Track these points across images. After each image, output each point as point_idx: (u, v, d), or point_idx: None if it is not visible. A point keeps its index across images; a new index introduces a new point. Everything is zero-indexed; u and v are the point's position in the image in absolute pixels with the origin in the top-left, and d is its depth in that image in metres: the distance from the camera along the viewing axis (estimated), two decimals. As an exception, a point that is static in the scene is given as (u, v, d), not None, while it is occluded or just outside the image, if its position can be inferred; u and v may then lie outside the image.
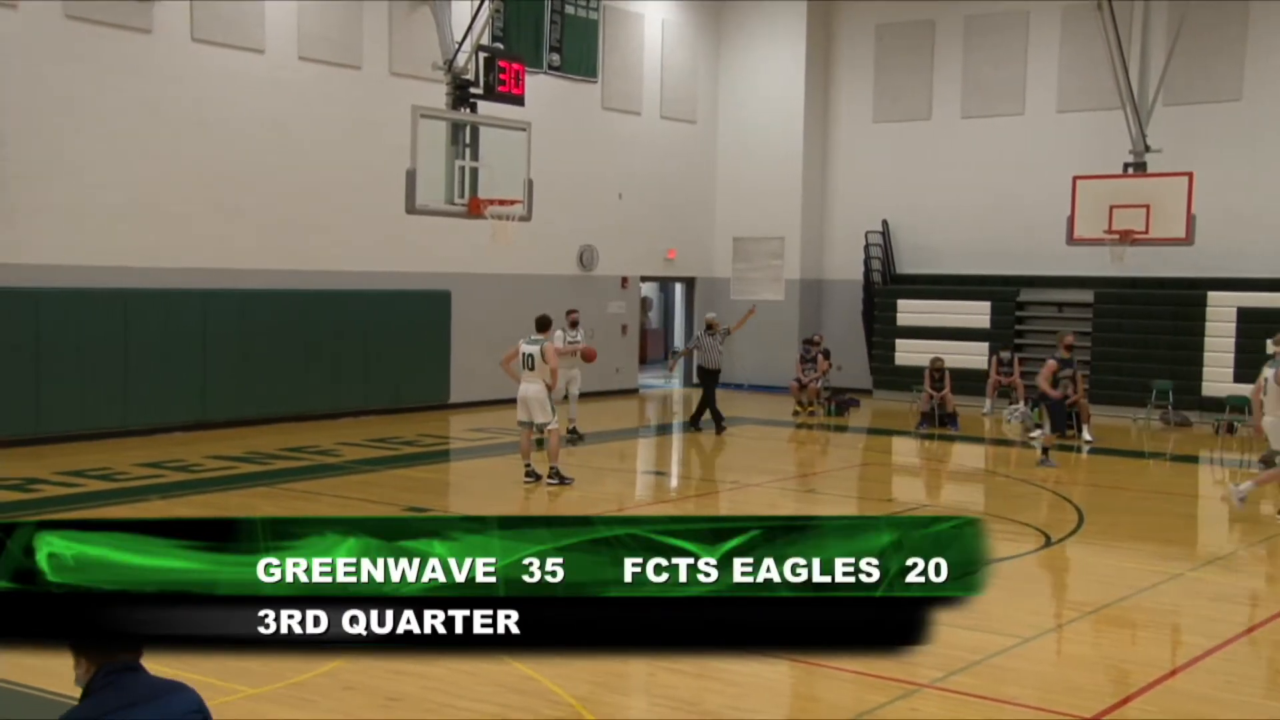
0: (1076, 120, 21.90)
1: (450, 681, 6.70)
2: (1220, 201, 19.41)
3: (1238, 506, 12.34)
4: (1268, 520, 12.36)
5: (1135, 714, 6.50)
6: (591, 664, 6.97)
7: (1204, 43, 20.49)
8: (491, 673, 6.75)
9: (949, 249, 23.48)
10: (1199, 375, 20.50)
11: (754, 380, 24.83)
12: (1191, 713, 6.48)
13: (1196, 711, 6.49)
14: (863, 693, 6.72)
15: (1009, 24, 22.89)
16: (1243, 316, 20.07)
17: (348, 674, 6.76)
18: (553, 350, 13.71)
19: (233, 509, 11.25)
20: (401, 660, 6.84)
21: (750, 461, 16.26)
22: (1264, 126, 20.44)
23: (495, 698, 6.54)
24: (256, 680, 6.52)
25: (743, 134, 25.17)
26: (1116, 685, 6.80)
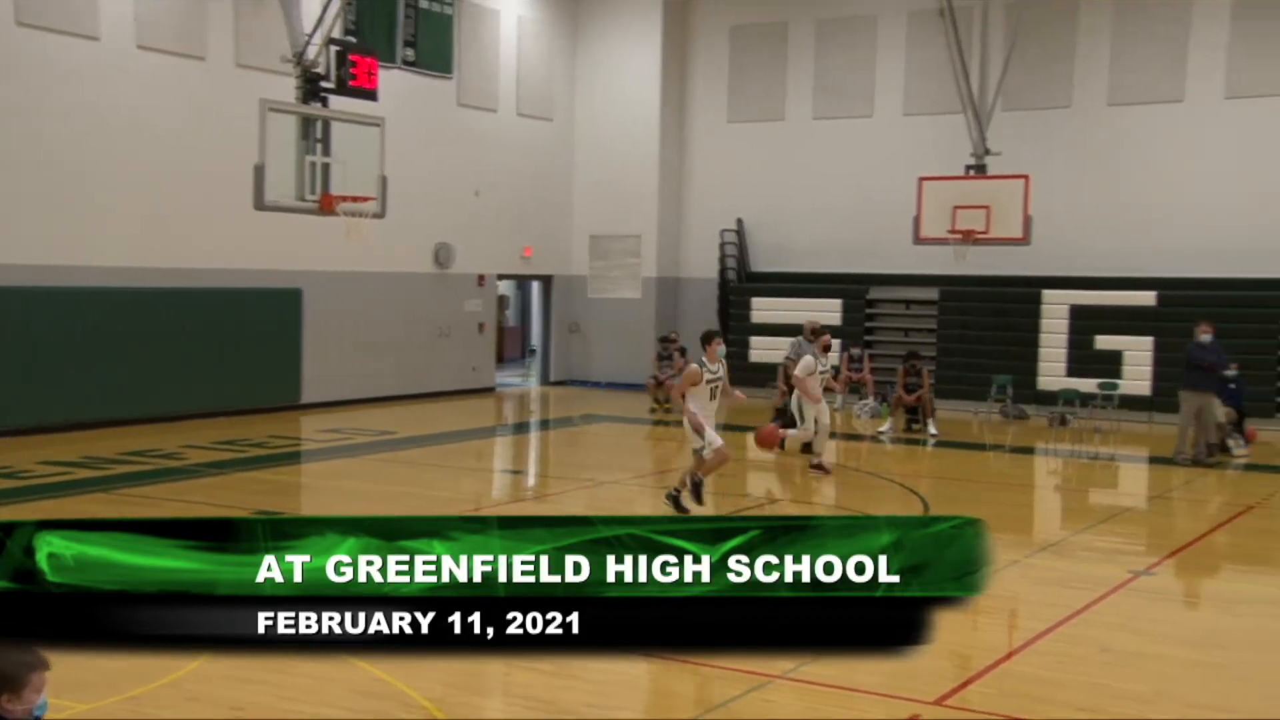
0: (922, 123, 22.59)
1: (299, 688, 6.59)
2: (1054, 203, 20.25)
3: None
4: (1093, 508, 12.95)
5: (975, 696, 6.75)
6: (447, 664, 6.93)
7: (1037, 51, 21.35)
8: (342, 677, 6.66)
9: (802, 248, 23.98)
10: (1035, 370, 21.38)
11: (611, 378, 24.96)
12: (1027, 693, 6.77)
13: (1031, 692, 6.79)
14: (717, 686, 6.84)
15: (858, 28, 23.48)
16: (1075, 313, 21.02)
17: (192, 683, 6.59)
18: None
19: (66, 516, 10.82)
20: (252, 667, 6.71)
21: (607, 459, 16.35)
22: (1092, 132, 21.39)
23: (345, 702, 6.46)
24: (92, 694, 6.30)
25: (600, 132, 25.25)
26: (958, 670, 7.06)
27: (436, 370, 22.44)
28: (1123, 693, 6.85)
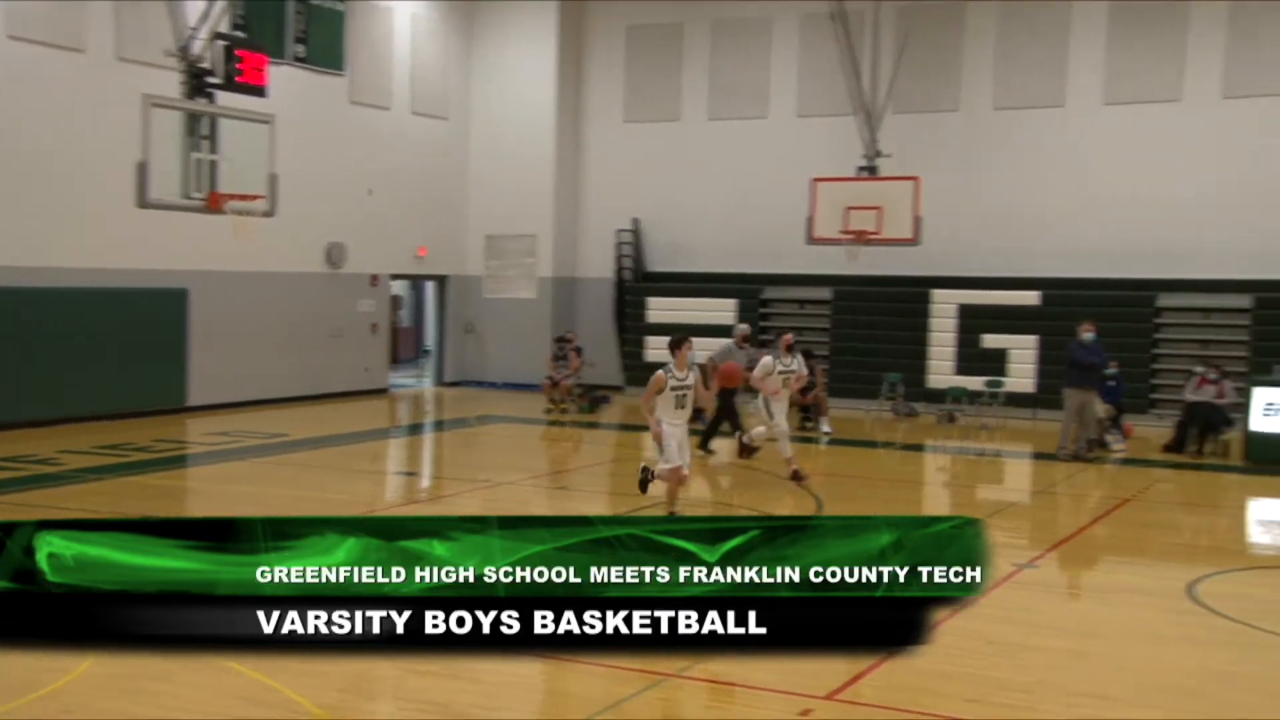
0: (815, 125, 22.89)
1: (182, 696, 6.43)
2: (943, 204, 20.67)
3: None
4: (980, 503, 13.26)
5: (867, 690, 6.86)
6: (340, 669, 6.83)
7: (926, 56, 21.79)
8: (227, 684, 6.52)
9: (697, 247, 24.12)
10: (924, 368, 21.82)
11: (507, 378, 24.84)
12: (916, 686, 6.89)
13: (921, 685, 6.91)
14: (612, 686, 6.84)
15: (753, 30, 23.70)
16: (963, 313, 21.51)
17: (70, 696, 6.38)
18: None
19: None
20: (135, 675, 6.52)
21: (503, 459, 16.26)
22: (979, 135, 21.90)
23: (231, 710, 6.32)
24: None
25: (495, 131, 25.11)
26: (849, 664, 7.16)
27: (329, 371, 22.10)
28: (1007, 683, 7.02)
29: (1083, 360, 16.10)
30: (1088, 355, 16.12)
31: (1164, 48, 20.62)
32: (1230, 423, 16.72)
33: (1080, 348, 16.14)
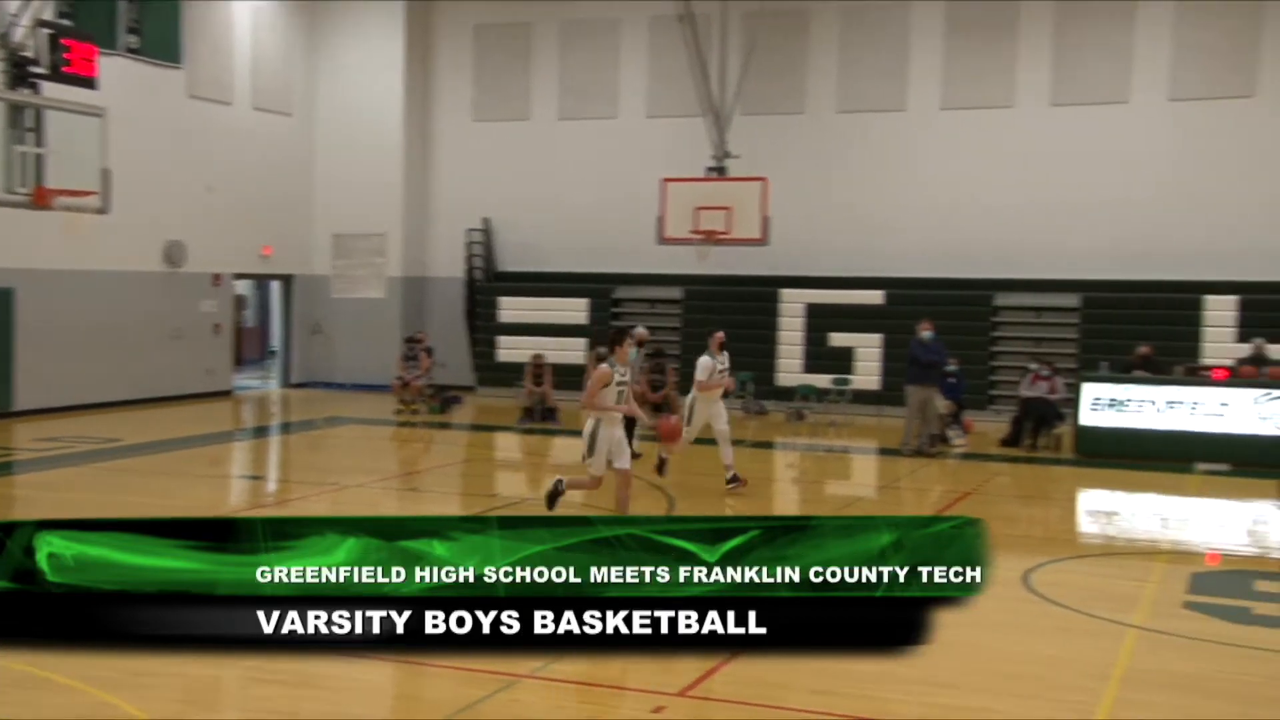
0: (665, 126, 23.06)
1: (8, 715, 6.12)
2: (791, 205, 21.03)
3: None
4: (828, 498, 13.54)
5: (718, 686, 6.93)
6: (182, 679, 6.60)
7: (773, 59, 22.16)
8: (62, 703, 6.22)
9: (549, 247, 24.06)
10: (774, 366, 22.19)
11: (356, 379, 24.38)
12: (765, 679, 6.99)
13: (769, 679, 7.01)
14: (464, 688, 6.76)
15: (601, 31, 23.76)
16: (810, 312, 21.95)
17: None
18: None
19: None
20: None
21: (352, 462, 15.95)
22: (824, 137, 22.38)
23: (67, 729, 6.04)
24: None
25: (342, 128, 24.62)
26: (701, 661, 7.22)
27: (168, 373, 21.35)
28: (852, 673, 7.16)
29: (922, 358, 16.57)
30: (927, 353, 16.61)
31: (996, 56, 21.39)
32: (1062, 417, 17.43)
33: (920, 346, 16.62)
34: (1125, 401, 16.62)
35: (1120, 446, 16.34)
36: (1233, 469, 15.57)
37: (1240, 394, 16.15)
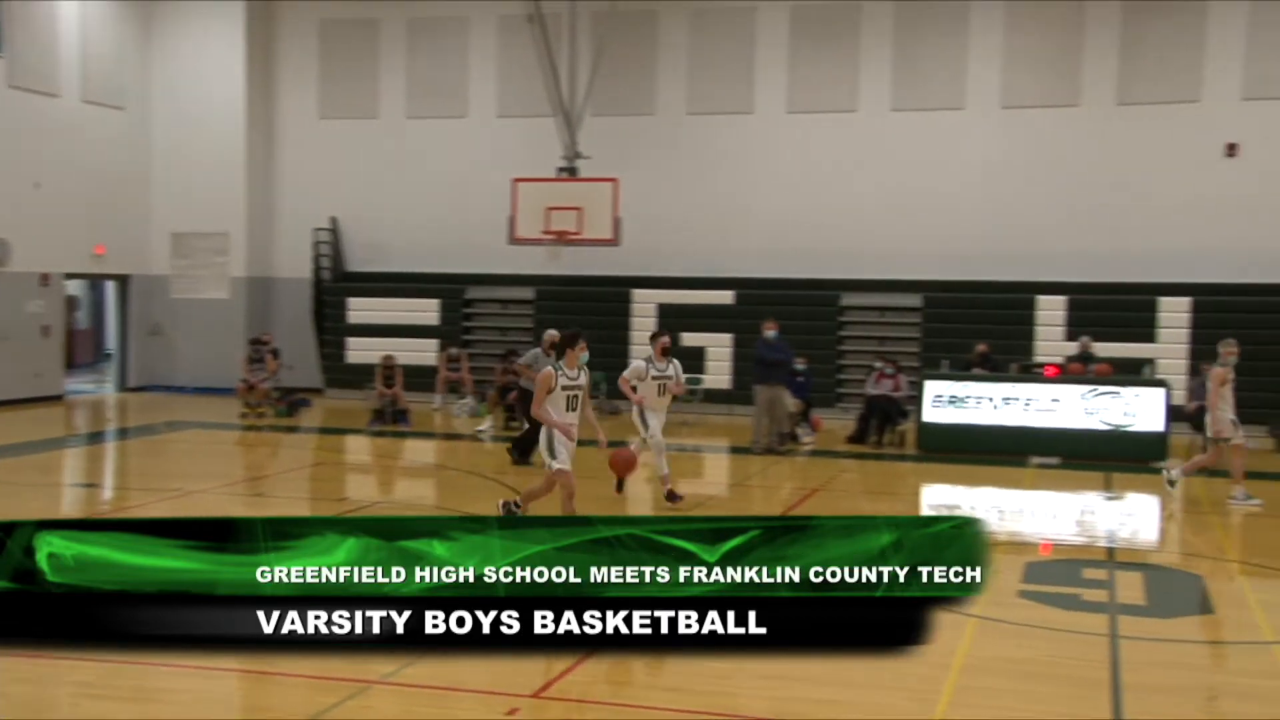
0: (516, 125, 22.97)
1: None
2: (642, 206, 21.17)
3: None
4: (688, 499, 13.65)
5: (574, 685, 6.93)
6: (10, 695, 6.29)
7: (622, 60, 22.28)
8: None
9: (399, 247, 23.73)
10: (626, 366, 22.21)
11: (198, 382, 23.64)
12: (619, 678, 7.02)
13: (626, 677, 7.05)
14: (314, 695, 6.62)
15: (450, 29, 23.53)
16: (662, 312, 22.13)
17: None
18: None
19: None
20: None
21: (195, 467, 15.45)
22: (674, 139, 22.60)
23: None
24: None
25: (181, 124, 23.84)
26: (558, 661, 7.21)
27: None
28: (705, 670, 7.24)
29: (768, 357, 16.86)
30: (772, 352, 16.90)
31: (839, 61, 21.90)
32: (906, 414, 17.95)
33: (765, 345, 16.91)
34: (964, 398, 17.20)
35: (960, 442, 16.91)
36: (1063, 462, 16.26)
37: (1069, 390, 16.88)
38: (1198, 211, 20.12)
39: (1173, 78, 20.38)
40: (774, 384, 16.89)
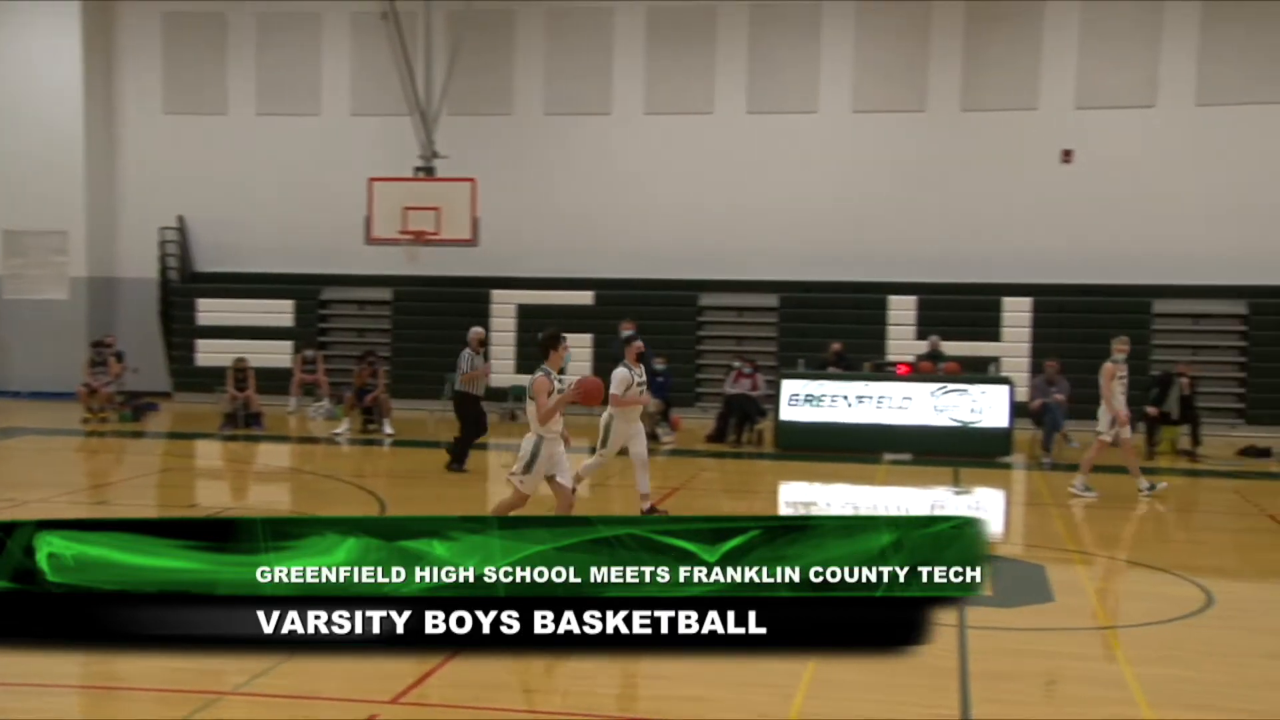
0: (371, 124, 22.60)
1: None
2: (500, 206, 21.06)
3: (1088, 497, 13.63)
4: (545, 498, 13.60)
5: (434, 690, 6.85)
6: None
7: (479, 60, 22.13)
8: None
9: (250, 247, 23.13)
10: (487, 367, 22.10)
11: (36, 387, 22.65)
12: (480, 681, 6.97)
13: (485, 680, 7.00)
14: (163, 709, 6.41)
15: (301, 24, 23.04)
16: (522, 312, 22.06)
17: None
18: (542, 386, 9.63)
19: None
20: None
21: (33, 475, 14.79)
22: (532, 139, 22.54)
23: None
24: None
25: (13, 118, 22.82)
26: (416, 665, 7.12)
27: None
28: (562, 670, 7.23)
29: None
30: (630, 353, 16.94)
31: (696, 63, 22.13)
32: (764, 413, 18.23)
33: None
34: (820, 397, 17.55)
35: (816, 439, 17.25)
36: (914, 458, 16.72)
37: (920, 388, 17.37)
38: (1037, 214, 20.92)
39: (1012, 86, 21.14)
40: (634, 384, 16.92)
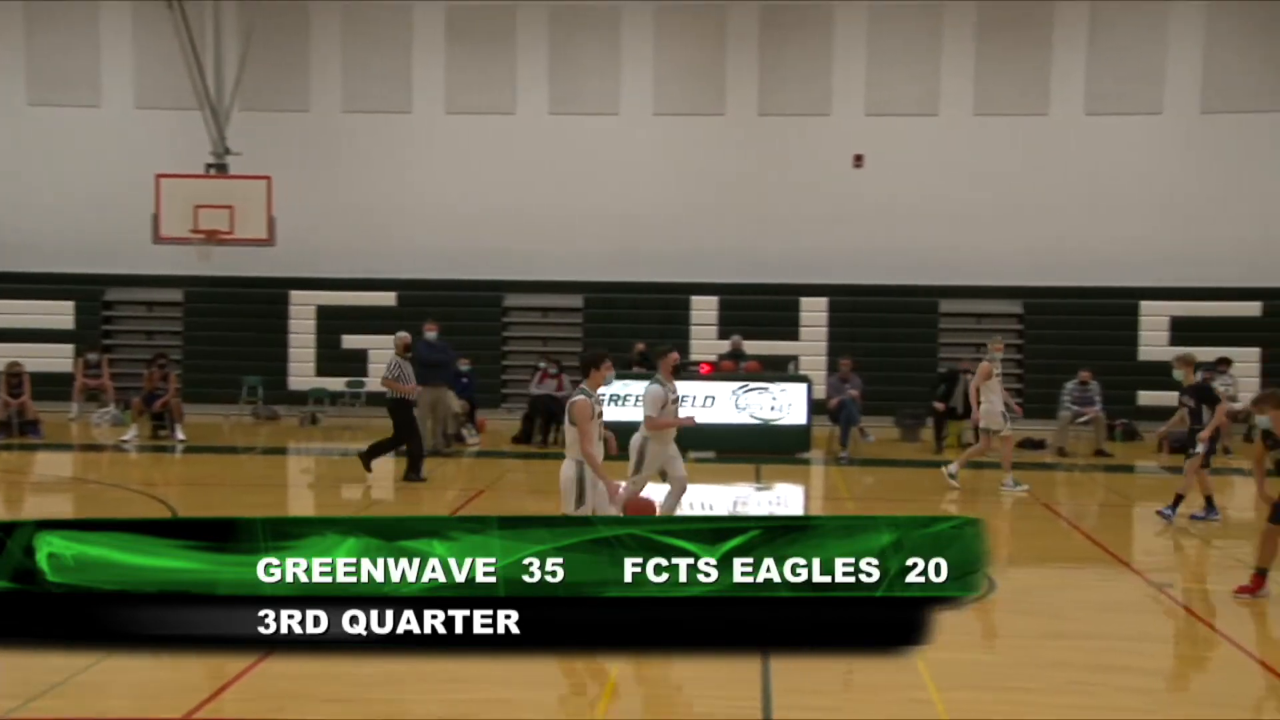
0: (159, 118, 21.65)
1: None
2: (298, 205, 20.50)
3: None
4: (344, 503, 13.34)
5: (230, 704, 6.61)
6: None
7: (273, 55, 21.44)
8: None
9: (25, 245, 21.79)
10: (285, 370, 21.55)
11: None
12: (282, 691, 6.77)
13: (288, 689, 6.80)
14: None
15: (77, 10, 21.92)
16: (321, 314, 21.56)
17: None
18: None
19: None
20: None
21: None
22: (331, 137, 22.02)
23: None
24: None
25: None
26: (211, 678, 6.87)
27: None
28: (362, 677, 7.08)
29: (430, 358, 16.78)
30: (434, 354, 16.84)
31: (497, 63, 21.99)
32: (568, 412, 18.25)
33: (427, 347, 16.82)
34: (625, 397, 17.71)
35: (621, 439, 17.30)
36: (718, 455, 17.06)
37: (722, 387, 17.72)
38: (832, 217, 21.61)
39: (807, 92, 21.79)
40: (437, 385, 16.80)
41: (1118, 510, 14.25)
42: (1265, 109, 20.81)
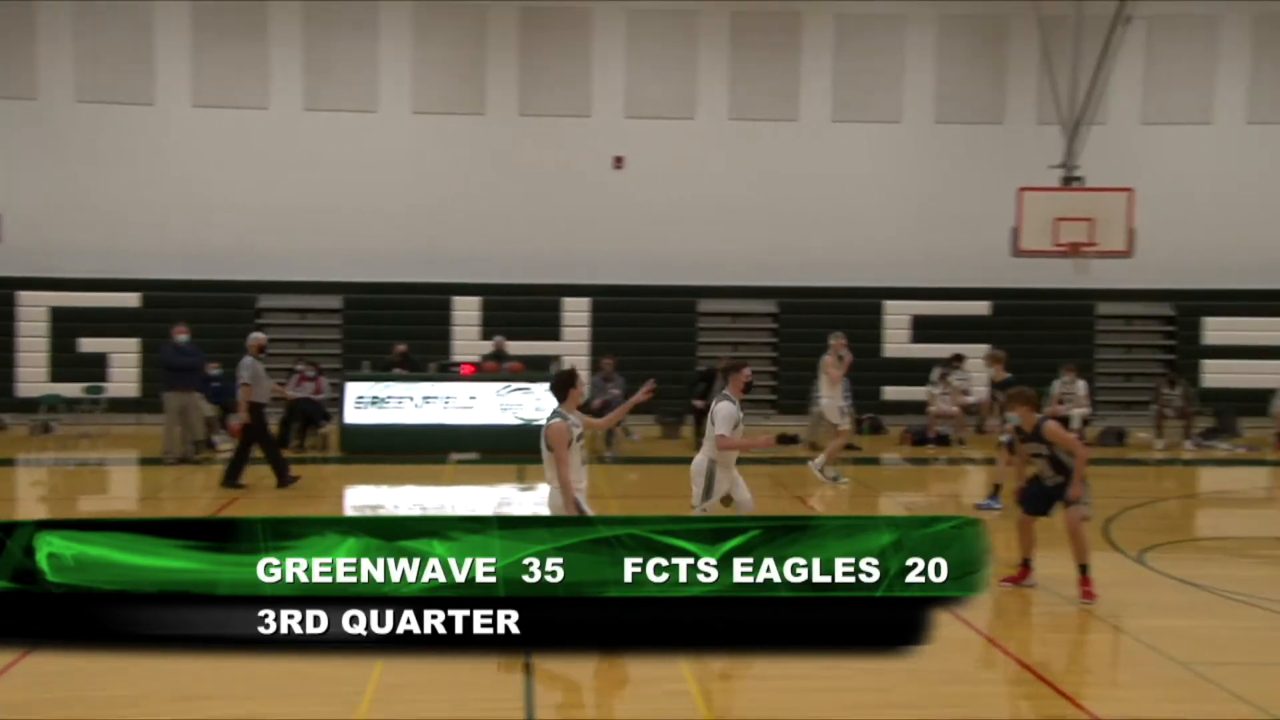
0: None
1: None
2: (27, 200, 19.28)
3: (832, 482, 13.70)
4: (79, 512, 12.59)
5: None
6: None
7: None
8: None
9: None
10: (13, 376, 20.20)
11: None
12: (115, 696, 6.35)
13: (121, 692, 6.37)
14: None
15: None
16: (55, 315, 20.31)
17: None
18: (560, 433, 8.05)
19: None
20: None
21: None
22: (64, 129, 20.77)
23: None
24: None
25: None
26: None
27: None
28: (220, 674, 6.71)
29: (177, 362, 16.12)
30: (183, 357, 16.18)
31: (248, 57, 21.22)
32: (328, 416, 17.83)
33: (174, 350, 16.14)
34: (386, 399, 17.41)
35: (383, 442, 17.09)
36: (481, 456, 16.96)
37: (486, 388, 17.65)
38: (594, 218, 21.81)
39: (567, 93, 21.92)
40: (186, 389, 16.10)
41: (866, 500, 14.92)
42: (991, 121, 22.23)
